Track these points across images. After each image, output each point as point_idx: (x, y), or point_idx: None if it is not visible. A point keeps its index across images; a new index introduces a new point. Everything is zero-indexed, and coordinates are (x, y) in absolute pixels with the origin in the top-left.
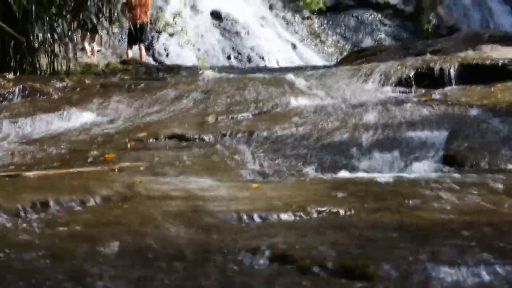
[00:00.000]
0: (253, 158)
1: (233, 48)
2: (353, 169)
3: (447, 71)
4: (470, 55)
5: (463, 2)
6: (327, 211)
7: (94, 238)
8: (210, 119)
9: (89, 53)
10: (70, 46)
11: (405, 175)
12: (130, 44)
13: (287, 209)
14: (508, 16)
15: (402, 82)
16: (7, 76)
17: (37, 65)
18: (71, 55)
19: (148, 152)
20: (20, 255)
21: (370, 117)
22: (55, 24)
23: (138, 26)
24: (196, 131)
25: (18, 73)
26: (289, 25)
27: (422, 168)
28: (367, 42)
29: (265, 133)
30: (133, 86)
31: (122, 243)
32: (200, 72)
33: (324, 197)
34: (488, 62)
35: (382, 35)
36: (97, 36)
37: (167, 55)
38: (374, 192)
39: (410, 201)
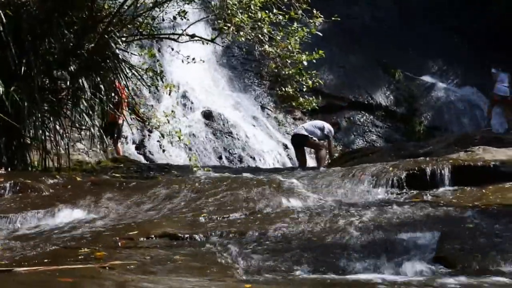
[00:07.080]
0: (245, 258)
1: (224, 148)
2: (343, 270)
3: (438, 172)
4: (461, 156)
5: (456, 104)
6: None
7: None
8: (202, 218)
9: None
10: (62, 143)
11: (396, 277)
12: (116, 140)
13: None
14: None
15: (394, 184)
16: None
17: (29, 161)
18: (62, 152)
19: (139, 251)
20: None
21: (361, 218)
22: (47, 121)
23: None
24: (188, 230)
25: (9, 169)
26: (281, 125)
27: (413, 270)
28: (359, 143)
29: (256, 234)
30: (124, 184)
31: None
32: (194, 171)
33: None
34: (479, 163)
35: (374, 137)
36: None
37: (162, 151)
38: None
39: None
